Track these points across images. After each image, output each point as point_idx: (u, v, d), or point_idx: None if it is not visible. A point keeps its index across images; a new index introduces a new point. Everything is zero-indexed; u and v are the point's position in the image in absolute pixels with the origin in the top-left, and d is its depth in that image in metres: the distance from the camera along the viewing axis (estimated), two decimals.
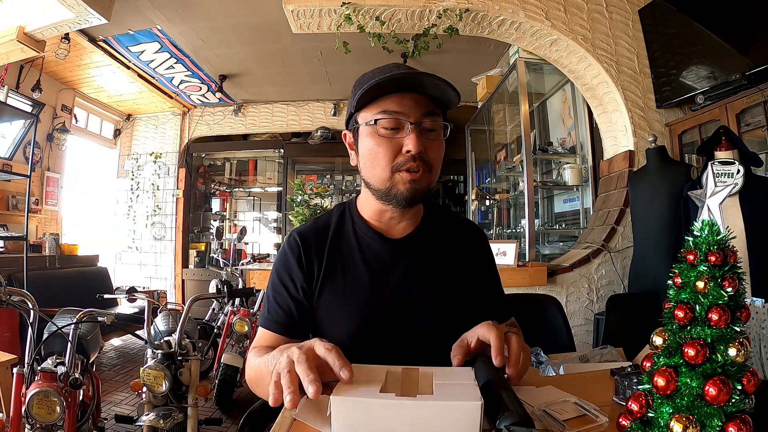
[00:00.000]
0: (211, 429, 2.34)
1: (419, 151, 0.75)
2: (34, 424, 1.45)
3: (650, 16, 2.65)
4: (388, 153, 0.77)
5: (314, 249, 0.86)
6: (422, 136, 0.76)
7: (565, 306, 2.39)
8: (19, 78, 3.89)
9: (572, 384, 0.76)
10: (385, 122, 0.77)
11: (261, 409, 0.90)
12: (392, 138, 0.77)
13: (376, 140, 0.78)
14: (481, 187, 4.47)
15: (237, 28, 3.54)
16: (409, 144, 0.75)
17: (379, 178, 0.79)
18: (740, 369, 0.43)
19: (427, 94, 0.78)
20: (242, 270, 3.46)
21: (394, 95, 0.77)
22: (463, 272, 0.88)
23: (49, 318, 1.76)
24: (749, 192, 1.69)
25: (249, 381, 0.80)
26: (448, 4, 2.52)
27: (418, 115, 0.77)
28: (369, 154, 0.79)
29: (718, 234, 0.46)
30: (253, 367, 0.76)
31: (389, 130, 0.77)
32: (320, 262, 0.85)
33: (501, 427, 0.48)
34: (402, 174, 0.77)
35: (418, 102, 0.77)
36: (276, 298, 0.85)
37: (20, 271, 3.20)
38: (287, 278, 0.85)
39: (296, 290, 0.84)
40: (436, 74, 0.74)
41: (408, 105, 0.76)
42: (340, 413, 0.50)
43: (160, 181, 5.35)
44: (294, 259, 0.85)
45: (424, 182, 0.78)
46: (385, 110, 0.77)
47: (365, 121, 0.79)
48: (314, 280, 0.84)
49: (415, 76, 0.75)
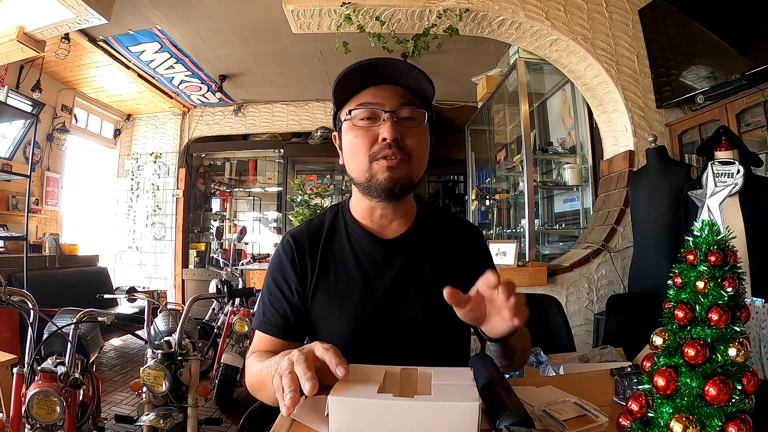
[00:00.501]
0: (211, 429, 2.34)
1: (394, 138, 0.76)
2: (34, 424, 1.45)
3: (650, 16, 2.65)
4: (365, 143, 0.78)
5: (307, 251, 0.86)
6: (398, 124, 0.77)
7: (565, 306, 2.39)
8: (19, 78, 3.89)
9: (572, 384, 0.76)
10: (360, 113, 0.78)
11: (261, 409, 0.90)
12: (369, 128, 0.78)
13: (354, 132, 0.79)
14: (481, 187, 4.47)
15: (237, 28, 3.54)
16: (384, 132, 0.76)
17: (359, 169, 0.80)
18: (740, 369, 0.43)
19: (402, 85, 0.79)
20: (242, 270, 3.47)
21: (370, 88, 0.79)
22: (460, 272, 0.87)
23: (49, 318, 1.76)
24: (749, 192, 1.69)
25: (250, 386, 0.80)
26: (448, 4, 2.52)
27: (394, 104, 0.78)
28: (349, 148, 0.80)
29: (718, 234, 0.46)
30: (254, 373, 0.76)
31: (365, 120, 0.78)
32: (313, 264, 0.85)
33: (501, 427, 0.48)
34: (379, 162, 0.77)
35: (395, 93, 0.79)
36: (271, 301, 0.85)
37: (20, 271, 3.20)
38: (282, 281, 0.85)
39: (291, 293, 0.84)
40: (407, 61, 0.76)
41: (384, 96, 0.78)
42: (337, 413, 0.50)
43: (160, 181, 5.35)
44: (288, 262, 0.85)
45: (403, 170, 0.78)
46: (361, 102, 0.79)
47: (344, 117, 0.81)
48: (308, 282, 0.84)
49: (384, 63, 0.76)
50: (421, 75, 0.77)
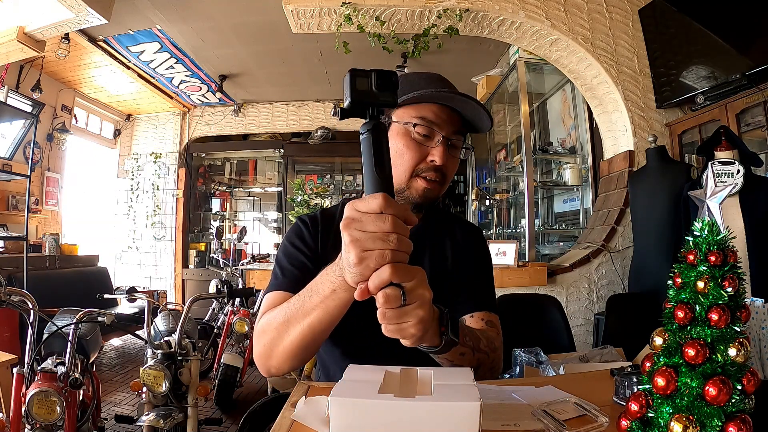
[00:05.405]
0: (211, 429, 2.34)
1: (443, 164, 0.81)
2: (34, 424, 1.45)
3: (650, 16, 2.65)
4: (414, 157, 0.81)
5: (322, 228, 0.89)
6: (447, 150, 0.82)
7: (565, 306, 2.39)
8: (19, 78, 3.89)
9: (572, 384, 0.76)
10: (420, 129, 0.81)
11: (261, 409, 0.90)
12: (422, 144, 0.82)
13: (405, 142, 0.82)
14: (481, 187, 4.47)
15: (237, 28, 3.54)
16: (435, 155, 0.81)
17: (397, 176, 0.81)
18: (740, 369, 0.43)
19: (463, 114, 0.84)
20: (242, 270, 3.47)
21: (433, 105, 0.82)
22: (459, 271, 0.89)
23: (49, 318, 1.76)
24: (749, 192, 1.69)
25: (271, 334, 0.71)
26: (448, 4, 2.52)
27: (449, 131, 0.82)
28: (396, 153, 0.82)
29: (718, 234, 0.46)
30: (281, 314, 0.70)
31: (421, 137, 0.81)
32: (326, 240, 0.88)
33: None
34: (420, 180, 0.82)
35: (453, 118, 0.83)
36: (290, 259, 0.86)
37: (20, 271, 3.20)
38: (300, 242, 0.87)
39: (310, 253, 0.86)
40: (478, 100, 0.81)
41: (443, 119, 0.82)
42: (338, 414, 0.50)
43: (160, 181, 5.35)
44: (307, 232, 0.89)
45: (437, 191, 0.84)
46: (423, 117, 0.81)
47: (400, 120, 0.83)
48: (322, 252, 0.86)
49: (461, 97, 0.81)
50: (484, 112, 0.82)
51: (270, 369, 0.74)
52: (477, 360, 0.72)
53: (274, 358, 0.72)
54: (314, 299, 0.64)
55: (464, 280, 0.88)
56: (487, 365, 0.77)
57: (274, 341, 0.71)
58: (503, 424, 0.59)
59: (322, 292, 0.63)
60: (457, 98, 0.81)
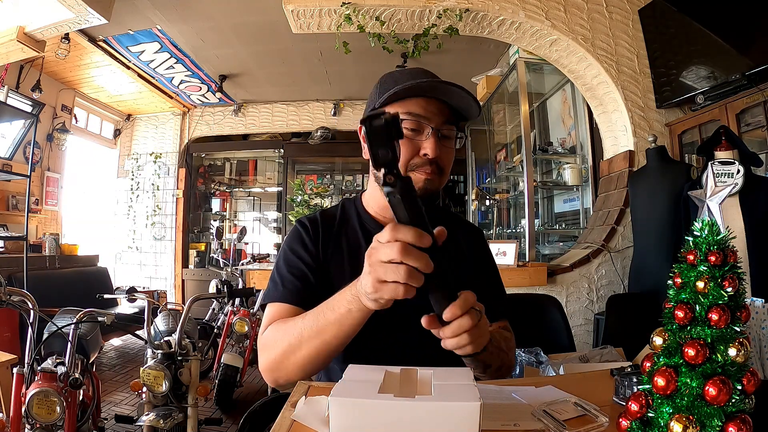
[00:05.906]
0: (211, 429, 2.34)
1: (436, 156, 0.80)
2: (34, 424, 1.45)
3: (650, 16, 2.65)
4: (407, 153, 0.81)
5: (323, 230, 0.89)
6: (439, 141, 0.81)
7: (565, 306, 2.39)
8: (19, 78, 3.89)
9: (572, 384, 0.76)
10: (408, 123, 0.80)
11: (261, 409, 0.90)
12: (412, 139, 0.81)
13: None
14: (481, 187, 4.47)
15: (237, 28, 3.54)
16: (427, 148, 0.80)
17: None
18: (740, 369, 0.43)
19: (450, 103, 0.83)
20: (242, 270, 3.47)
21: (420, 98, 0.82)
22: (462, 271, 0.89)
23: (49, 318, 1.76)
24: (749, 192, 1.69)
25: (278, 354, 0.73)
26: (448, 4, 2.52)
27: (439, 122, 0.82)
28: None
29: (718, 234, 0.46)
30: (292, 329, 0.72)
31: (410, 131, 0.81)
32: (327, 242, 0.88)
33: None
34: (416, 174, 0.81)
35: (441, 109, 0.82)
36: (290, 268, 0.85)
37: (20, 271, 3.20)
38: (301, 249, 0.87)
39: (311, 259, 0.85)
40: (463, 86, 0.79)
41: (432, 111, 0.81)
42: (338, 414, 0.50)
43: (160, 181, 5.35)
44: (306, 235, 0.89)
45: (436, 184, 0.83)
46: (410, 112, 0.81)
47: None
48: (323, 256, 0.87)
49: (445, 86, 0.80)
50: (472, 99, 0.81)
51: (278, 380, 0.76)
52: (500, 360, 0.76)
53: (283, 370, 0.74)
54: (329, 316, 0.67)
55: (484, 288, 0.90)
56: (507, 364, 0.81)
57: (285, 355, 0.73)
58: (503, 424, 0.59)
59: (338, 310, 0.66)
60: (440, 87, 0.80)
